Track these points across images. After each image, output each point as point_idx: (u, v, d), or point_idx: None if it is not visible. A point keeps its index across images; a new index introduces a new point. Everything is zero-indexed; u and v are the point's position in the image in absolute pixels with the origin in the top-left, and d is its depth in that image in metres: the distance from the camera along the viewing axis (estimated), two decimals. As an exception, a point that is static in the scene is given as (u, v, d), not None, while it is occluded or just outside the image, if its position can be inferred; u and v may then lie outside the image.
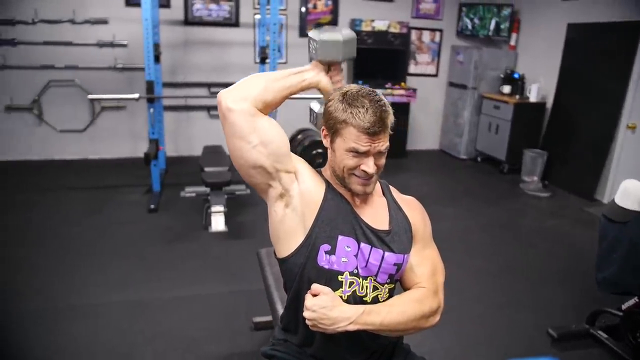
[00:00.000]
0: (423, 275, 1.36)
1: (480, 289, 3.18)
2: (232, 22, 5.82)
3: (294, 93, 1.31)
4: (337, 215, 1.30)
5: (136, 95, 4.29)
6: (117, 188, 4.73)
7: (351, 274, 1.29)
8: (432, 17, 6.30)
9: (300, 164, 1.33)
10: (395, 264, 1.32)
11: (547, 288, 3.24)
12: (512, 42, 6.05)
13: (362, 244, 1.30)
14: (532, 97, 5.60)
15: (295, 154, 1.35)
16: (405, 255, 1.34)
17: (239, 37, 5.82)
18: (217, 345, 2.49)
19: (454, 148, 6.44)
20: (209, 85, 5.94)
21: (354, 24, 5.87)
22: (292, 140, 5.53)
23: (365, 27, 5.89)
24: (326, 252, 1.28)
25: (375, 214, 1.36)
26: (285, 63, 6.06)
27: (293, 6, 5.90)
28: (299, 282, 1.32)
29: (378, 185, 1.42)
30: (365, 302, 1.30)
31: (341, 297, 1.28)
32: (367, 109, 1.21)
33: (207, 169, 4.09)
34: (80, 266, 3.27)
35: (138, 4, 4.84)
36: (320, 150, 5.09)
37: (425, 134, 6.76)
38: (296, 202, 1.30)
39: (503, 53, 6.06)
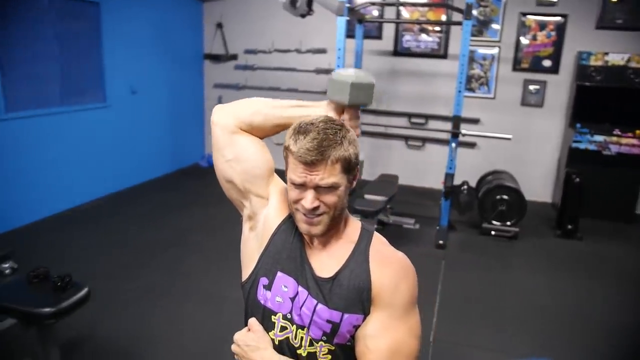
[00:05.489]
0: (375, 352, 1.09)
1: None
2: (440, 53, 5.72)
3: None
4: (283, 249, 1.19)
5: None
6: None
7: (284, 317, 1.16)
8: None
9: (275, 190, 1.26)
10: (328, 321, 1.12)
11: None
12: None
13: (301, 288, 1.15)
14: None
15: (478, 192, 1.27)
16: (346, 315, 1.11)
17: (445, 68, 5.67)
18: None
19: None
20: (409, 116, 5.98)
21: (579, 58, 5.03)
22: (482, 178, 5.10)
23: (595, 61, 4.97)
24: (264, 287, 1.19)
25: (326, 259, 1.17)
26: (493, 98, 5.64)
27: (509, 38, 5.43)
28: (245, 312, 1.26)
29: (355, 229, 1.22)
30: (299, 355, 1.15)
31: (273, 340, 1.16)
32: (306, 135, 1.07)
33: (366, 196, 4.12)
34: (228, 259, 3.72)
35: (353, 36, 5.28)
36: (505, 197, 4.54)
37: (671, 197, 5.25)
38: (260, 228, 1.25)
39: None
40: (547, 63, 5.35)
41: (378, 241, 1.22)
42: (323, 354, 1.15)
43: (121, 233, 4.13)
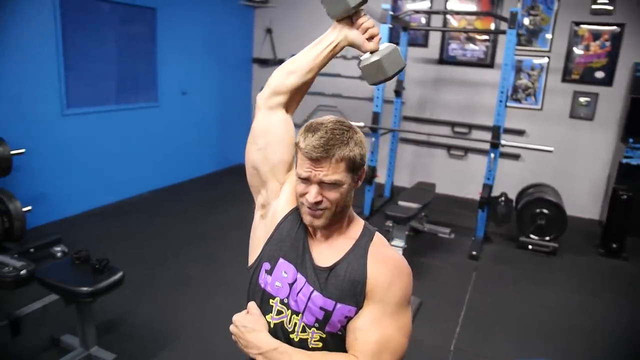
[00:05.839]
0: (364, 344, 1.15)
1: None
2: (487, 62, 5.63)
3: (325, 61, 1.29)
4: (287, 237, 1.27)
5: (361, 124, 4.69)
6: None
7: (281, 302, 1.24)
8: None
9: (289, 182, 1.33)
10: (321, 308, 1.19)
11: None
12: None
13: (299, 275, 1.23)
14: None
15: (517, 204, 1.30)
16: (338, 305, 1.18)
17: (491, 78, 5.56)
18: None
19: None
20: (453, 125, 5.91)
21: (635, 70, 4.81)
22: (523, 191, 4.97)
23: (653, 74, 4.74)
24: (266, 271, 1.27)
25: (327, 251, 1.24)
26: (540, 109, 5.48)
27: (559, 48, 5.27)
28: (247, 295, 1.35)
29: (358, 228, 1.29)
30: (292, 340, 1.22)
31: (269, 322, 1.25)
32: (314, 133, 1.15)
33: (399, 202, 4.13)
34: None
35: (398, 43, 5.31)
36: (545, 211, 4.41)
37: None
38: (269, 217, 1.33)
39: None
40: (599, 74, 5.14)
41: (379, 241, 1.27)
42: (314, 341, 1.21)
43: (161, 226, 4.37)
